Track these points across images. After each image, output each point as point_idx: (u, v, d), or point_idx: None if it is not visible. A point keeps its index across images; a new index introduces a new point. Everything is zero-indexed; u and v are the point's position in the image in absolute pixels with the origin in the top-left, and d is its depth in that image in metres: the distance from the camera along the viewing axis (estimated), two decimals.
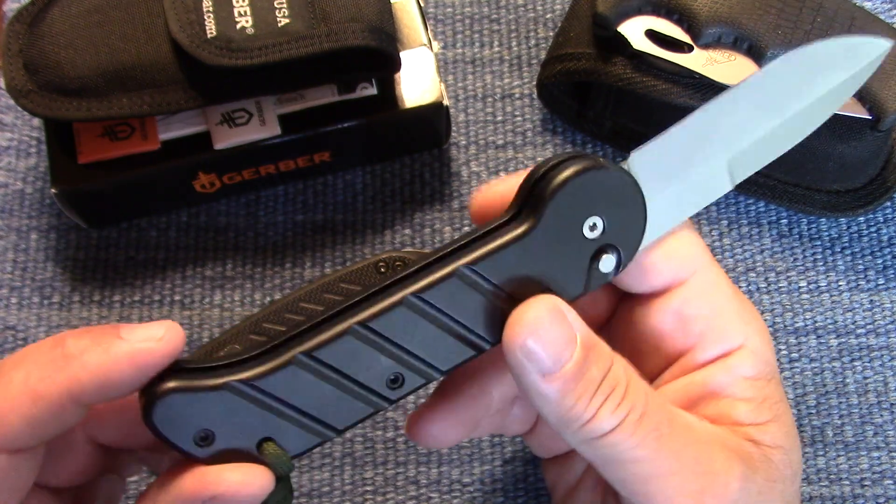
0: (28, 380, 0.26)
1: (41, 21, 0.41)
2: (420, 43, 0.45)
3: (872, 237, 0.47)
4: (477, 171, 0.48)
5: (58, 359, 0.27)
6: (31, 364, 0.27)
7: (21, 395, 0.26)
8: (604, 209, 0.29)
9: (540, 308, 0.28)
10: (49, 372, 0.26)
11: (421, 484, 0.43)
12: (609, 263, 0.30)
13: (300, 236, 0.47)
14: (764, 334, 0.33)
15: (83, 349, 0.27)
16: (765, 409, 0.31)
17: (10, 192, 0.48)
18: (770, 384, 0.32)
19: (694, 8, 0.42)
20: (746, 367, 0.32)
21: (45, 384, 0.26)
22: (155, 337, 0.27)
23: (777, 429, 0.31)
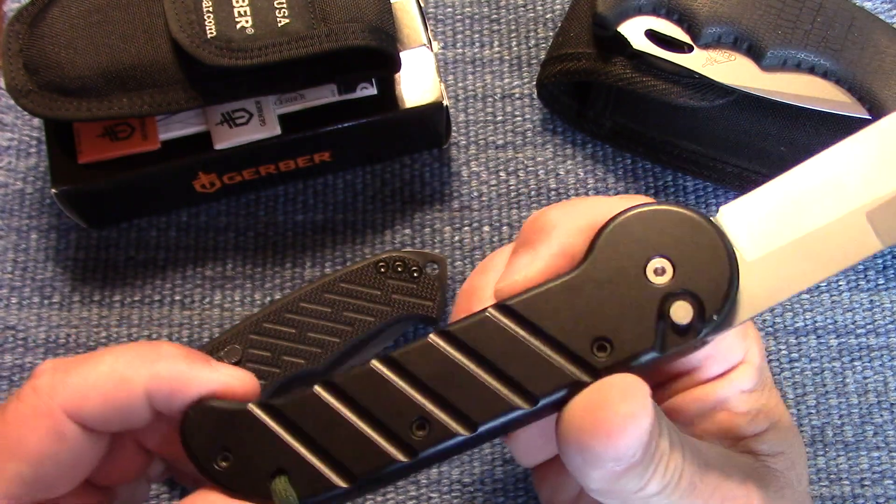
0: (117, 363, 0.28)
1: (41, 21, 0.41)
2: (420, 43, 0.45)
3: None
4: (477, 171, 0.48)
5: (149, 354, 0.28)
6: (123, 352, 0.29)
7: (107, 376, 0.28)
8: (672, 251, 0.25)
9: (637, 406, 0.24)
10: (137, 364, 0.28)
11: (421, 484, 0.43)
12: (684, 313, 0.25)
13: (300, 236, 0.47)
14: (758, 341, 0.32)
15: (174, 357, 0.28)
16: (761, 419, 0.31)
17: (10, 192, 0.48)
18: (765, 392, 0.32)
19: (694, 8, 0.42)
20: (745, 380, 0.31)
21: (131, 373, 0.28)
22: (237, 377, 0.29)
23: (775, 435, 0.31)
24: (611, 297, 0.25)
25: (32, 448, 0.28)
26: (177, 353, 0.29)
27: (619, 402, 0.25)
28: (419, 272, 0.44)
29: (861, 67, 0.42)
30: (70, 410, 0.28)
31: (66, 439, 0.28)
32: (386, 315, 0.44)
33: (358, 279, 0.44)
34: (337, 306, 0.43)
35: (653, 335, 0.25)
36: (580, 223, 0.28)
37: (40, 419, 0.28)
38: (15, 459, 0.27)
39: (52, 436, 0.28)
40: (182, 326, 0.45)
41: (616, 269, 0.26)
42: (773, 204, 0.26)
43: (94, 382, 0.28)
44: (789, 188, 0.26)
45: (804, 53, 0.42)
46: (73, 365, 0.29)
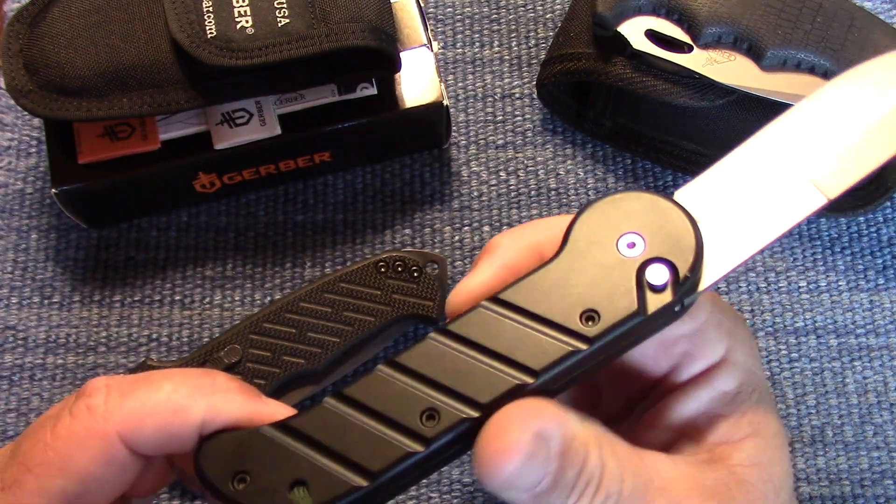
0: (175, 392, 0.28)
1: (41, 21, 0.41)
2: (420, 43, 0.45)
3: (872, 237, 0.47)
4: (477, 171, 0.48)
5: (206, 386, 0.28)
6: (181, 379, 0.29)
7: (164, 405, 0.28)
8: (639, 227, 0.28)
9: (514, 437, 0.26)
10: (195, 395, 0.28)
11: (421, 484, 0.43)
12: (660, 274, 0.27)
13: (300, 236, 0.47)
14: (748, 344, 0.32)
15: (231, 388, 0.29)
16: (743, 425, 0.30)
17: (10, 192, 0.48)
18: (753, 396, 0.31)
19: (694, 8, 0.42)
20: (727, 380, 0.31)
21: (189, 403, 0.28)
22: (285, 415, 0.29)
23: (754, 445, 0.30)
24: (590, 275, 0.28)
25: (81, 468, 0.27)
26: (233, 387, 0.29)
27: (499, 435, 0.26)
28: (419, 272, 0.44)
29: None
30: (124, 435, 0.28)
31: (115, 463, 0.28)
32: (386, 315, 0.44)
33: (358, 279, 0.44)
34: (337, 306, 0.43)
35: (635, 299, 0.27)
36: (521, 243, 0.30)
37: (93, 441, 0.27)
38: (62, 476, 0.27)
39: (103, 458, 0.27)
40: (182, 326, 0.45)
41: (591, 250, 0.28)
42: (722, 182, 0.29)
43: (151, 409, 0.28)
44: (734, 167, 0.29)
45: (804, 53, 0.42)
46: (130, 387, 0.28)
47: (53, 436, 0.28)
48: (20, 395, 0.44)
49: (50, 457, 0.28)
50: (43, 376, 0.45)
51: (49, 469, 0.27)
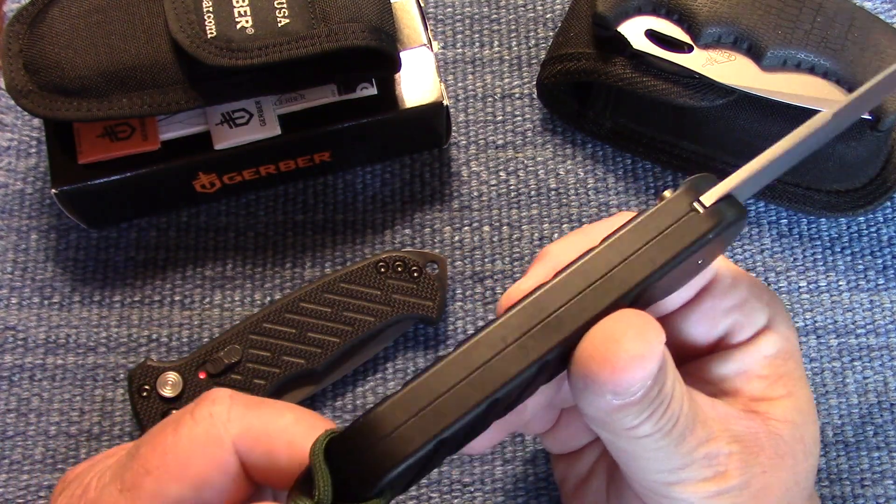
0: (295, 425, 0.28)
1: (41, 21, 0.41)
2: (420, 43, 0.45)
3: (872, 237, 0.47)
4: (477, 171, 0.48)
5: (320, 427, 0.28)
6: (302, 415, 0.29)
7: (282, 433, 0.28)
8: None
9: (649, 347, 0.27)
10: (311, 431, 0.28)
11: (421, 484, 0.43)
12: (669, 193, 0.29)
13: (300, 236, 0.47)
14: (785, 314, 0.34)
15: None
16: (779, 386, 0.32)
17: (10, 193, 0.48)
18: (789, 362, 0.33)
19: (694, 8, 0.42)
20: (769, 346, 0.33)
21: (303, 439, 0.28)
22: None
23: (790, 404, 0.32)
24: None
25: (198, 473, 0.28)
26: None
27: (632, 340, 0.26)
28: (419, 272, 0.44)
29: (861, 67, 0.42)
30: (240, 447, 0.28)
31: (229, 473, 0.28)
32: (386, 315, 0.44)
33: (358, 279, 0.44)
34: (337, 306, 0.43)
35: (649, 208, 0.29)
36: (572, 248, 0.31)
37: (212, 447, 0.28)
38: (179, 480, 0.27)
39: (219, 466, 0.28)
40: (182, 326, 0.45)
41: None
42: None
43: (269, 430, 0.28)
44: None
45: (804, 53, 0.42)
46: (254, 404, 0.29)
47: (174, 439, 0.28)
48: (20, 395, 0.44)
49: (169, 460, 0.28)
50: (43, 376, 0.45)
51: (167, 473, 0.27)
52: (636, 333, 0.27)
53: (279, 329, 0.43)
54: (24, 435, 0.44)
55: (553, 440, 0.37)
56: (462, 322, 0.46)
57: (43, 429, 0.44)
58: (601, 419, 0.29)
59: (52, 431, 0.44)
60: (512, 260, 0.47)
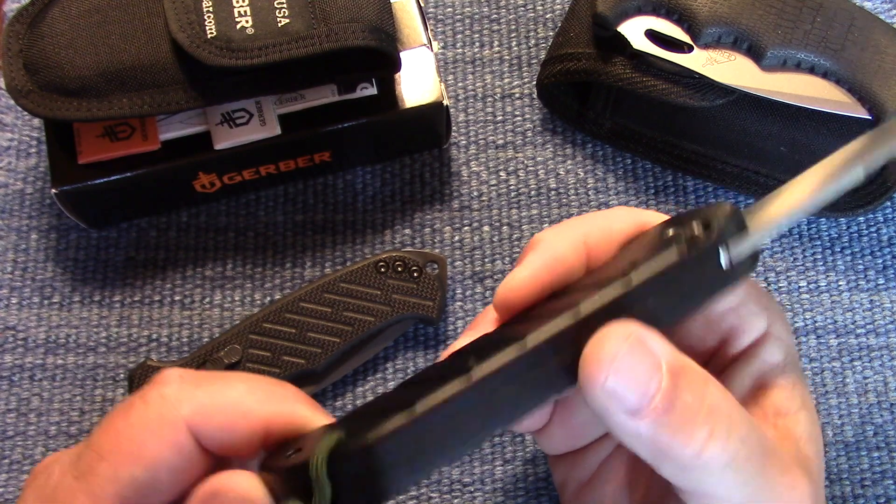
0: (248, 394, 0.29)
1: (41, 21, 0.41)
2: (420, 43, 0.45)
3: (872, 237, 0.47)
4: (477, 171, 0.48)
5: (278, 394, 0.29)
6: (255, 384, 0.29)
7: (235, 405, 0.28)
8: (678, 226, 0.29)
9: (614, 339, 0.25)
10: (267, 400, 0.28)
11: (421, 484, 0.43)
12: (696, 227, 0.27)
13: (300, 236, 0.47)
14: (785, 322, 0.32)
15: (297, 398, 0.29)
16: (795, 397, 0.30)
17: (10, 193, 0.48)
18: (797, 369, 0.32)
19: (694, 8, 0.42)
20: (775, 353, 0.31)
21: (259, 408, 0.28)
22: None
23: (807, 417, 0.30)
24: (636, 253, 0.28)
25: (152, 455, 0.28)
26: (299, 397, 0.29)
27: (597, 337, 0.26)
28: (419, 272, 0.44)
29: (861, 67, 0.42)
30: (193, 425, 0.28)
31: (183, 451, 0.28)
32: (386, 315, 0.44)
33: (358, 279, 0.44)
34: (337, 306, 0.43)
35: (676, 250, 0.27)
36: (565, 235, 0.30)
37: (163, 427, 0.28)
38: (133, 463, 0.28)
39: (171, 445, 0.28)
40: (182, 326, 0.45)
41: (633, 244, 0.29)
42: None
43: (221, 404, 0.28)
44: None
45: (804, 53, 0.42)
46: (203, 381, 0.29)
47: (126, 423, 0.28)
48: (20, 395, 0.44)
49: (122, 444, 0.28)
50: (43, 376, 0.45)
51: (121, 456, 0.28)
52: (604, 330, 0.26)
53: (279, 329, 0.43)
54: (25, 435, 0.44)
55: (548, 440, 0.35)
56: (462, 322, 0.46)
57: (43, 429, 0.44)
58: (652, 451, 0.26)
59: (52, 431, 0.44)
60: (512, 260, 0.47)
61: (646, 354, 0.25)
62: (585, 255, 0.30)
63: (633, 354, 0.25)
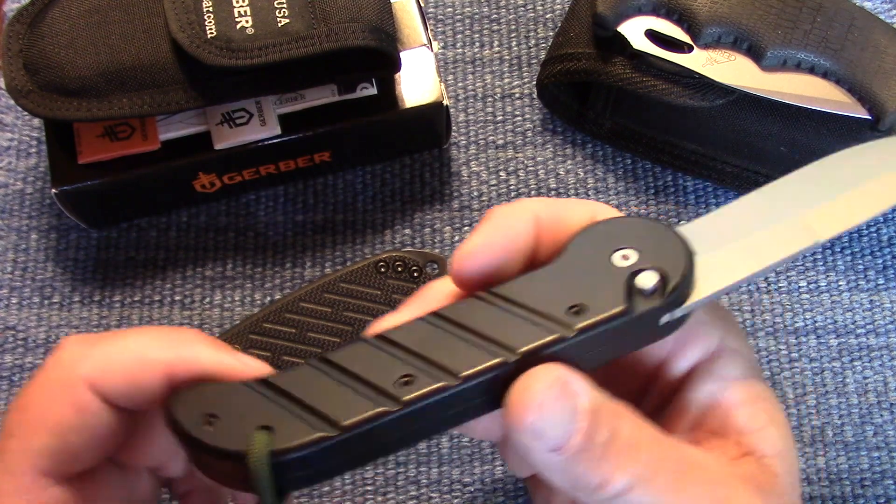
0: (141, 343, 0.29)
1: (41, 21, 0.41)
2: (420, 43, 0.45)
3: (872, 237, 0.47)
4: (477, 171, 0.48)
5: (173, 338, 0.29)
6: (150, 333, 0.29)
7: (131, 354, 0.29)
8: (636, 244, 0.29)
9: (541, 384, 0.27)
10: (162, 345, 0.29)
11: (421, 484, 0.43)
12: (650, 279, 0.28)
13: (300, 236, 0.47)
14: (739, 333, 0.31)
15: (198, 342, 0.29)
16: (760, 413, 0.30)
17: (10, 193, 0.48)
18: (759, 382, 0.31)
19: (694, 8, 0.42)
20: (732, 368, 0.30)
21: (154, 353, 0.28)
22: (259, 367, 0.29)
23: (775, 432, 0.30)
24: (583, 278, 0.28)
25: (56, 419, 0.28)
26: (200, 339, 0.29)
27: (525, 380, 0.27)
28: (419, 272, 0.44)
29: (861, 67, 0.42)
30: (93, 382, 0.28)
31: (87, 411, 0.28)
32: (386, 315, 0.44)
33: (358, 279, 0.44)
34: (337, 306, 0.43)
35: (623, 299, 0.28)
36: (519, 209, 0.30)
37: (63, 390, 0.28)
38: (40, 433, 0.28)
39: (74, 406, 0.28)
40: (182, 326, 0.45)
41: (586, 258, 0.29)
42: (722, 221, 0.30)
43: (117, 358, 0.28)
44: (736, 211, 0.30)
45: (804, 53, 0.42)
46: (98, 340, 0.29)
47: (28, 397, 0.29)
48: None
49: (27, 417, 0.28)
50: None
51: (27, 428, 0.28)
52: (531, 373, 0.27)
53: (279, 329, 0.43)
54: None
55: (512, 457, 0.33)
56: None
57: None
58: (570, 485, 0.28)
59: None
60: None
61: (568, 398, 0.27)
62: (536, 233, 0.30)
63: (557, 399, 0.27)
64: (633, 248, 0.29)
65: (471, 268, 0.29)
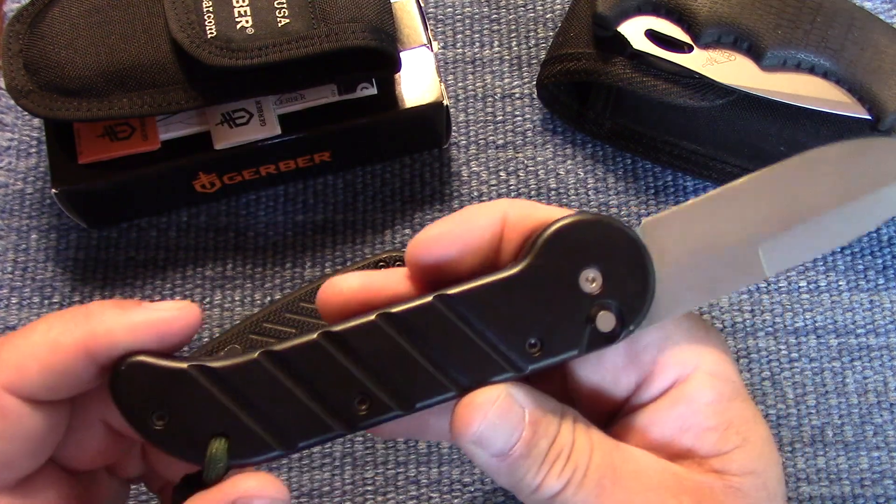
0: (49, 331, 0.28)
1: (41, 21, 0.41)
2: (420, 43, 0.45)
3: (872, 237, 0.47)
4: (477, 171, 0.48)
5: (79, 316, 0.28)
6: (54, 319, 0.28)
7: (41, 344, 0.28)
8: (602, 262, 0.28)
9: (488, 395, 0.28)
10: (70, 326, 0.28)
11: (421, 484, 0.43)
12: (607, 322, 0.28)
13: (300, 236, 0.47)
14: (720, 351, 0.31)
15: (104, 310, 0.28)
16: (731, 435, 0.30)
17: (10, 193, 0.48)
18: (734, 403, 0.30)
19: (694, 8, 0.42)
20: (705, 391, 0.30)
21: (65, 336, 0.28)
22: (173, 307, 0.29)
23: (745, 454, 0.30)
24: (546, 300, 0.28)
25: None
26: (107, 305, 0.29)
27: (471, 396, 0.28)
28: None
29: (861, 67, 0.42)
30: (8, 385, 0.27)
31: (10, 415, 0.27)
32: None
33: None
34: None
35: (580, 339, 0.28)
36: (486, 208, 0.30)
37: None
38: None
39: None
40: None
41: (552, 274, 0.28)
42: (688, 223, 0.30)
43: (29, 352, 0.28)
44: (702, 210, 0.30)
45: (804, 53, 0.42)
46: (5, 341, 0.28)
47: None
48: None
49: None
50: None
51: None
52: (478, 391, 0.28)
53: (279, 329, 0.43)
54: None
55: None
56: None
57: None
58: (509, 484, 0.29)
59: None
60: None
61: (512, 411, 0.28)
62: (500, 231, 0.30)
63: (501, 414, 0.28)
64: (599, 269, 0.28)
65: (426, 256, 0.30)
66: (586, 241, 0.28)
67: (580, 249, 0.28)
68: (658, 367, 0.30)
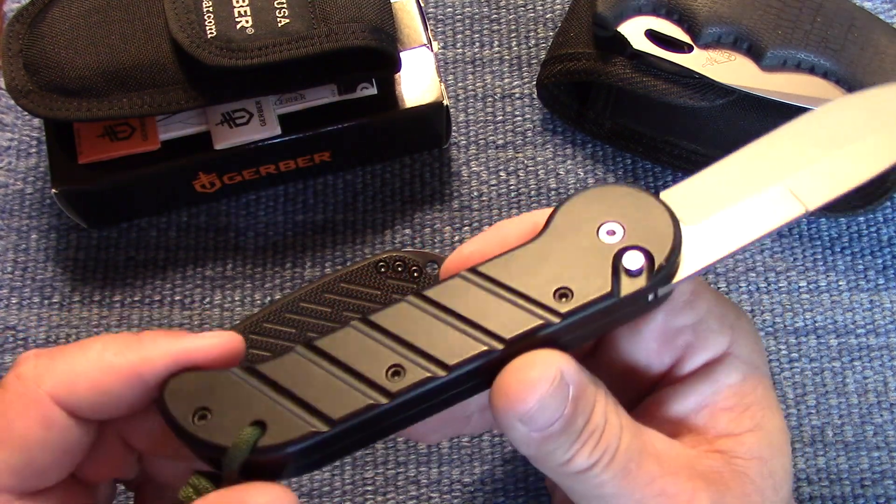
0: (104, 352, 0.28)
1: (41, 21, 0.41)
2: (420, 43, 0.45)
3: (872, 237, 0.47)
4: (477, 171, 0.48)
5: (133, 340, 0.29)
6: (109, 340, 0.29)
7: (95, 362, 0.28)
8: (621, 218, 0.29)
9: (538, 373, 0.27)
10: (123, 349, 0.28)
11: (421, 484, 0.43)
12: (635, 260, 0.28)
13: (300, 236, 0.47)
14: (751, 337, 0.32)
15: (157, 337, 0.29)
16: (745, 419, 0.31)
17: (10, 193, 0.48)
18: (757, 389, 0.31)
19: (694, 8, 0.42)
20: (731, 374, 0.31)
21: (118, 358, 0.28)
22: (220, 335, 0.29)
23: (756, 439, 0.31)
24: (568, 257, 0.29)
25: (21, 435, 0.28)
26: (159, 333, 0.29)
27: (525, 369, 0.27)
28: (419, 272, 0.44)
29: (861, 67, 0.42)
30: (58, 397, 0.28)
31: (55, 426, 0.28)
32: None
33: (358, 279, 0.44)
34: (337, 306, 0.43)
35: (609, 281, 0.28)
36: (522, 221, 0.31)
37: (27, 406, 0.28)
38: (4, 449, 0.27)
39: (40, 422, 0.28)
40: (182, 326, 0.45)
41: (571, 234, 0.29)
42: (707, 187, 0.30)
43: (82, 369, 0.28)
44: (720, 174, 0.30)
45: (804, 53, 0.42)
46: (59, 353, 0.29)
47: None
48: None
49: None
50: None
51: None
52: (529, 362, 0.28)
53: (279, 329, 0.43)
54: None
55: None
56: None
57: None
58: (535, 456, 0.29)
59: None
60: None
61: (562, 389, 0.28)
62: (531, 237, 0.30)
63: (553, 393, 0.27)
64: (619, 223, 0.29)
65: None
66: (603, 203, 0.29)
67: (597, 210, 0.29)
68: (691, 350, 0.31)
